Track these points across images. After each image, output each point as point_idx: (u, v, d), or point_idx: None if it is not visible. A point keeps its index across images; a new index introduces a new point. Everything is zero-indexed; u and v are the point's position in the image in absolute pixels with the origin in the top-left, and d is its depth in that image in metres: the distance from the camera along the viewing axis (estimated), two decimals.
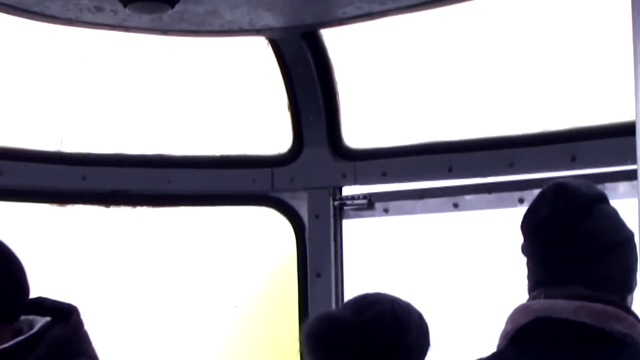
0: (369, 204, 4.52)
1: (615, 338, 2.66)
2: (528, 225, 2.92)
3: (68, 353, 2.82)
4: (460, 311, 4.32)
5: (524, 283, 3.05)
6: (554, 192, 2.89)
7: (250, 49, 4.50)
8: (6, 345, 2.74)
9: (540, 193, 2.94)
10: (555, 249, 2.83)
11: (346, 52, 4.50)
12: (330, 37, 4.42)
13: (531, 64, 4.14)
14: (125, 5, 3.59)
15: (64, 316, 2.89)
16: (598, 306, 2.68)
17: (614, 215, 2.89)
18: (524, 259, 2.97)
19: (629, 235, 2.81)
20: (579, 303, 2.69)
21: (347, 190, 4.59)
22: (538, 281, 2.87)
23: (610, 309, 2.68)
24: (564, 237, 2.82)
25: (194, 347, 4.80)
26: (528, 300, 2.87)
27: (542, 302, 2.77)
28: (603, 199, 2.91)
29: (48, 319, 2.87)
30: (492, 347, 2.95)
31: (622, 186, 3.82)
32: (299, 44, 4.39)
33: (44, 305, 2.95)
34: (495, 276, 4.25)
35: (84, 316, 2.96)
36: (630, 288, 2.81)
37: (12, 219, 4.60)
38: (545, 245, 2.86)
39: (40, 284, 4.26)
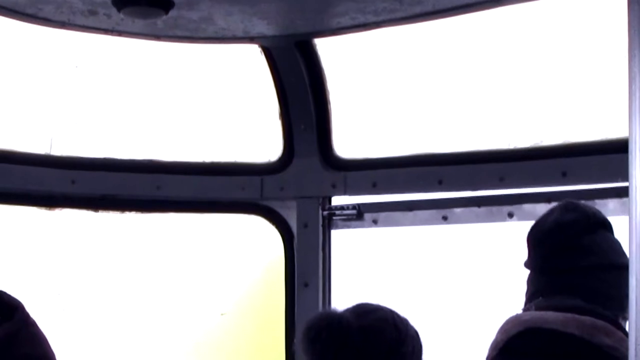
0: (358, 214, 4.52)
1: (603, 352, 2.68)
2: (534, 235, 2.97)
3: (6, 356, 2.70)
4: (448, 324, 4.31)
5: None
6: (563, 207, 2.95)
7: (243, 57, 4.50)
8: None
9: (550, 208, 2.99)
10: (558, 258, 2.87)
11: (339, 62, 4.50)
12: (324, 46, 4.42)
13: (524, 78, 4.15)
14: (119, 10, 3.58)
15: (10, 314, 2.77)
16: (588, 319, 2.70)
17: (617, 242, 2.93)
18: (523, 276, 3.00)
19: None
20: (569, 315, 2.72)
21: (337, 200, 4.59)
22: (537, 290, 2.90)
23: (600, 322, 2.70)
24: (568, 246, 2.87)
25: (180, 354, 4.79)
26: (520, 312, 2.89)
27: (533, 314, 2.80)
28: (609, 227, 2.96)
29: None
30: (481, 359, 2.96)
31: (612, 203, 3.83)
32: (292, 52, 4.38)
33: (1, 302, 2.83)
34: (483, 289, 4.25)
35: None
36: (624, 309, 2.82)
37: (0, 222, 4.58)
38: (549, 254, 2.90)
39: (28, 288, 4.26)
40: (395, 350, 3.09)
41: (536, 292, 2.91)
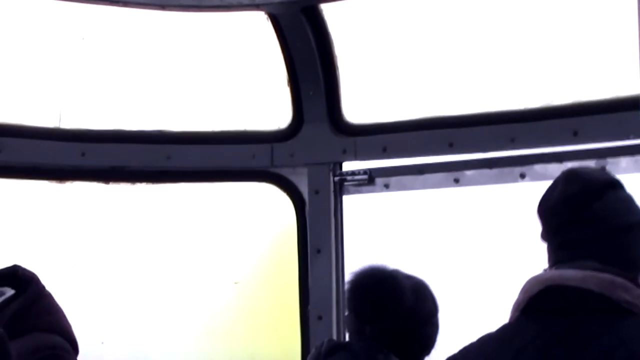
0: (370, 179, 4.50)
1: (622, 308, 2.69)
2: (542, 211, 2.99)
3: (21, 328, 2.73)
4: (461, 286, 4.31)
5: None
6: (565, 178, 2.95)
7: (249, 24, 4.48)
8: None
9: (554, 180, 2.99)
10: (567, 232, 2.88)
11: (346, 27, 4.48)
12: (330, 11, 4.40)
13: (533, 37, 4.12)
14: None
15: (25, 286, 2.80)
16: (607, 276, 2.72)
17: (627, 199, 2.92)
18: (536, 237, 3.01)
19: None
20: (588, 272, 2.74)
21: (348, 166, 4.57)
22: (555, 262, 2.92)
23: (619, 279, 2.72)
24: (575, 219, 2.87)
25: (195, 323, 4.80)
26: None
27: (552, 272, 2.82)
28: (616, 185, 2.95)
29: (12, 291, 2.79)
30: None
31: (624, 161, 3.80)
32: (298, 18, 4.36)
33: (16, 275, 2.87)
34: (496, 251, 4.25)
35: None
36: None
37: (11, 196, 4.58)
38: (558, 229, 2.91)
39: (40, 261, 4.26)
40: (434, 315, 3.15)
41: (554, 264, 2.93)
